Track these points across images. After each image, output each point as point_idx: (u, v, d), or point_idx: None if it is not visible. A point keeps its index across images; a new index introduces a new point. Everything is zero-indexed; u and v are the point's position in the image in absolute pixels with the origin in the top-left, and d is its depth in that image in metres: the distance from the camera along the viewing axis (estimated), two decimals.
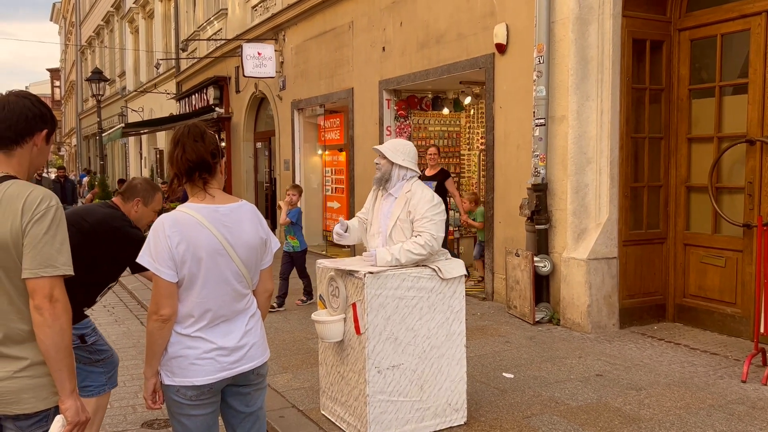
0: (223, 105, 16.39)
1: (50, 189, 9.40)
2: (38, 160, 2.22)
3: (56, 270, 2.03)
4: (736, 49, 6.03)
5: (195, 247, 2.35)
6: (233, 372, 2.48)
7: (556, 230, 6.59)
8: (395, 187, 3.99)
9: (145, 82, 24.43)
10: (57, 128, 2.29)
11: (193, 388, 2.43)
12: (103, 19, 32.00)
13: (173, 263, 2.34)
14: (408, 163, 3.98)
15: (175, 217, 2.39)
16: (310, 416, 4.29)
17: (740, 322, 5.86)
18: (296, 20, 12.33)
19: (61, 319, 2.02)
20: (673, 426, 4.01)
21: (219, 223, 2.41)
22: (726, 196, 6.08)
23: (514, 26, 7.16)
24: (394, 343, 3.82)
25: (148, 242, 2.38)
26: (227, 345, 2.46)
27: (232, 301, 2.48)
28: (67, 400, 2.05)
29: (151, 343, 2.41)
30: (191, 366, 2.42)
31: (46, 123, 2.18)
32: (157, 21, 23.36)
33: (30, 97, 2.17)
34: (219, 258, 2.40)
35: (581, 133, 6.29)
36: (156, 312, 2.37)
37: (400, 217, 3.90)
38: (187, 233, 2.35)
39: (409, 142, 4.19)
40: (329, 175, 12.60)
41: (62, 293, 2.04)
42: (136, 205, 3.57)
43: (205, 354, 2.42)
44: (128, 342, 6.57)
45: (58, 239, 2.05)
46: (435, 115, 10.30)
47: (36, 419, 2.07)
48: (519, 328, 6.35)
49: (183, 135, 2.42)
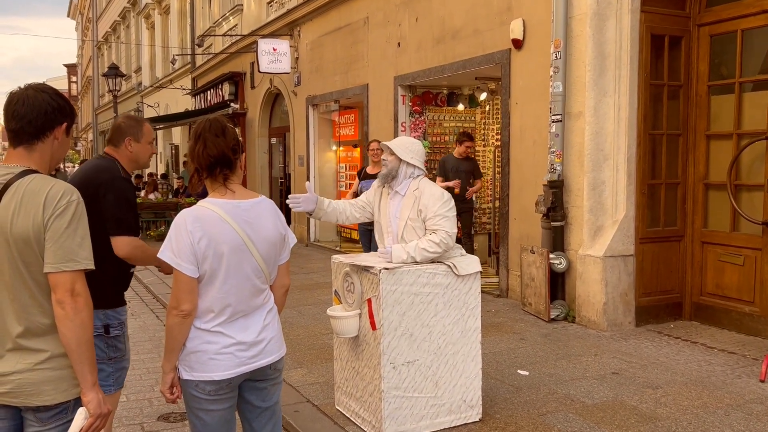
0: (238, 101, 16.44)
1: None
2: (59, 153, 2.22)
3: (78, 264, 2.04)
4: (757, 45, 5.96)
5: (216, 243, 2.36)
6: (252, 367, 2.49)
7: (572, 227, 6.55)
8: (401, 184, 3.94)
9: (161, 77, 24.56)
10: (74, 120, 2.27)
11: (211, 383, 2.44)
12: (119, 14, 32.18)
13: (195, 258, 2.34)
14: (416, 161, 3.93)
15: (197, 213, 2.39)
16: (325, 411, 4.30)
17: (758, 321, 5.80)
18: (311, 16, 12.33)
19: (83, 313, 2.04)
20: (690, 425, 3.98)
21: (240, 218, 2.42)
22: (745, 194, 6.01)
23: (531, 22, 7.11)
24: (410, 339, 3.82)
25: (169, 237, 2.38)
26: (246, 340, 2.47)
27: (251, 297, 2.49)
28: (89, 393, 2.07)
29: (170, 338, 2.42)
30: (210, 361, 2.43)
31: (66, 116, 2.18)
32: (173, 17, 23.46)
33: (48, 91, 2.17)
34: (240, 253, 2.41)
35: (598, 130, 6.25)
36: (176, 307, 2.37)
37: (410, 216, 3.87)
38: (208, 229, 2.36)
39: (417, 140, 4.13)
40: (343, 171, 12.60)
41: (84, 287, 2.06)
42: (129, 144, 3.31)
43: (224, 349, 2.43)
44: (144, 336, 6.62)
45: (79, 233, 2.06)
46: (450, 111, 10.27)
47: (56, 411, 2.09)
48: (534, 326, 6.32)
49: (204, 130, 2.42)
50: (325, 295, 7.77)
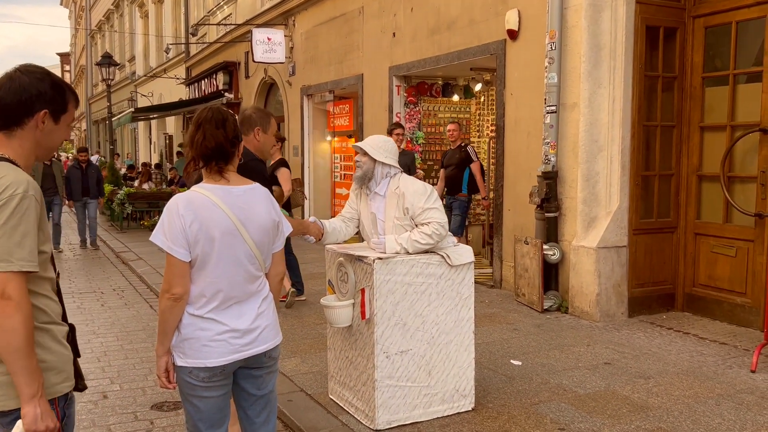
0: (232, 90, 16.38)
1: (60, 176, 9.37)
2: (47, 141, 2.03)
3: (10, 265, 1.83)
4: (751, 37, 5.96)
5: (208, 227, 2.36)
6: (245, 354, 2.48)
7: (566, 218, 6.56)
8: (380, 185, 3.90)
9: (155, 67, 24.43)
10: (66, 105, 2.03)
11: (205, 370, 2.44)
12: (113, 3, 31.99)
13: (186, 242, 2.35)
14: (390, 160, 3.89)
15: (189, 197, 2.40)
16: (319, 400, 4.31)
17: (750, 312, 5.83)
18: (306, 5, 12.27)
19: (13, 319, 1.83)
20: (682, 415, 4.00)
21: (232, 204, 2.42)
22: (738, 186, 6.03)
23: (526, 12, 7.10)
24: (403, 329, 3.82)
25: (162, 221, 2.39)
26: (240, 327, 2.47)
27: (245, 283, 2.48)
28: (25, 406, 1.87)
29: (162, 321, 2.42)
30: (203, 348, 2.43)
31: (47, 102, 1.98)
32: (167, 5, 23.32)
33: (30, 74, 1.98)
34: (232, 238, 2.41)
35: (593, 121, 6.25)
36: (168, 291, 2.38)
37: (396, 216, 3.84)
38: (200, 213, 2.36)
39: (388, 138, 4.07)
40: (338, 162, 12.59)
41: (17, 290, 1.84)
42: (257, 134, 3.56)
43: (217, 336, 2.43)
44: (138, 325, 6.61)
45: (20, 231, 1.84)
46: (445, 101, 10.25)
47: (12, 417, 1.93)
48: (527, 316, 6.34)
49: (204, 120, 2.43)
50: (319, 286, 7.78)
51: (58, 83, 2.02)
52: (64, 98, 2.03)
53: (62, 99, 2.02)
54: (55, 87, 2.01)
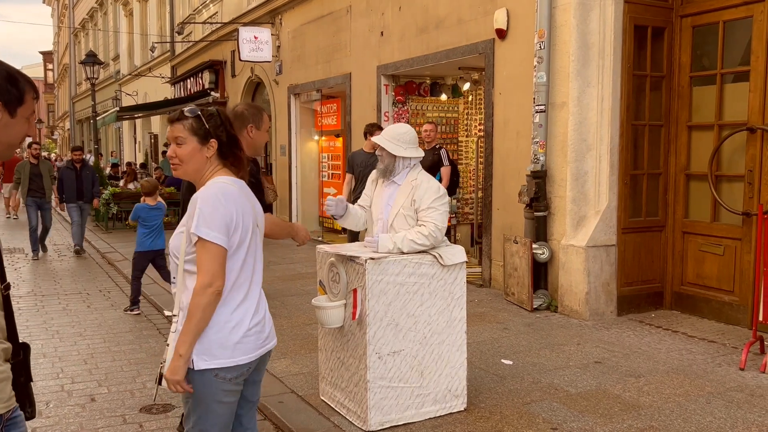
0: (218, 89, 16.27)
1: (49, 175, 9.19)
2: (4, 137, 1.85)
3: None
4: (738, 37, 5.99)
5: (244, 216, 2.39)
6: (266, 349, 2.50)
7: (555, 217, 6.57)
8: (399, 175, 3.96)
9: (140, 65, 24.23)
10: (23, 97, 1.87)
11: (235, 369, 2.36)
12: (96, 1, 31.68)
13: (227, 230, 2.31)
14: (410, 152, 3.91)
15: (223, 188, 2.37)
16: (310, 402, 4.28)
17: (738, 310, 5.87)
18: (293, 4, 12.21)
19: None
20: (673, 413, 4.02)
21: (249, 195, 2.51)
22: (725, 185, 6.07)
23: (515, 12, 7.10)
24: (395, 329, 3.80)
25: (201, 211, 2.29)
26: (259, 320, 2.46)
27: (259, 274, 2.52)
28: None
29: (201, 319, 2.27)
30: (237, 345, 2.35)
31: (0, 94, 1.81)
32: (152, 4, 23.13)
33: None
34: (257, 228, 2.49)
35: (581, 120, 6.26)
36: (210, 284, 2.25)
37: (404, 205, 3.86)
38: (238, 202, 2.39)
39: (407, 125, 4.09)
40: (326, 161, 12.53)
41: None
42: (250, 131, 3.51)
43: (248, 331, 2.40)
44: (124, 327, 6.54)
45: None
46: (433, 101, 10.24)
47: None
48: (517, 315, 6.35)
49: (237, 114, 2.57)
50: (309, 286, 7.74)
51: (11, 73, 1.86)
52: (19, 89, 1.86)
53: (17, 90, 1.85)
54: (9, 78, 1.84)
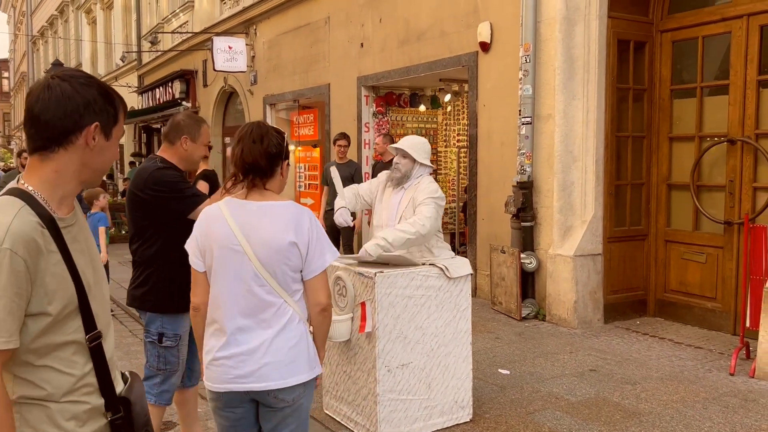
0: (189, 99, 16.08)
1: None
2: (97, 162, 1.65)
3: None
4: (717, 51, 6.19)
5: (209, 239, 2.36)
6: (242, 387, 2.31)
7: (542, 227, 6.67)
8: (410, 181, 4.07)
9: (104, 74, 23.79)
10: (117, 116, 1.66)
11: (210, 392, 2.41)
12: (56, 9, 31.03)
13: (199, 252, 2.40)
14: (427, 161, 4.09)
15: (208, 210, 2.44)
16: (314, 415, 4.24)
17: (720, 316, 6.04)
18: (269, 14, 12.17)
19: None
20: (673, 419, 4.11)
21: (241, 218, 2.32)
22: (706, 194, 6.25)
23: (498, 25, 7.21)
24: (404, 342, 3.82)
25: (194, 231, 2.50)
26: (237, 354, 2.31)
27: (251, 306, 2.31)
28: None
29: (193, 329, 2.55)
30: (207, 369, 2.40)
31: (97, 113, 1.60)
32: (117, 12, 22.77)
33: (72, 79, 1.58)
34: (232, 253, 2.29)
35: (567, 132, 6.38)
36: (191, 300, 2.47)
37: (407, 206, 3.99)
38: (208, 225, 2.39)
39: (424, 138, 4.26)
40: (302, 171, 12.48)
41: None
42: (184, 142, 3.31)
43: (215, 361, 2.35)
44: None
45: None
46: (413, 111, 10.30)
47: None
48: (506, 324, 6.41)
49: (245, 135, 2.37)
50: None
51: (105, 89, 1.65)
52: (115, 107, 1.66)
53: (113, 108, 1.65)
54: (104, 94, 1.63)
